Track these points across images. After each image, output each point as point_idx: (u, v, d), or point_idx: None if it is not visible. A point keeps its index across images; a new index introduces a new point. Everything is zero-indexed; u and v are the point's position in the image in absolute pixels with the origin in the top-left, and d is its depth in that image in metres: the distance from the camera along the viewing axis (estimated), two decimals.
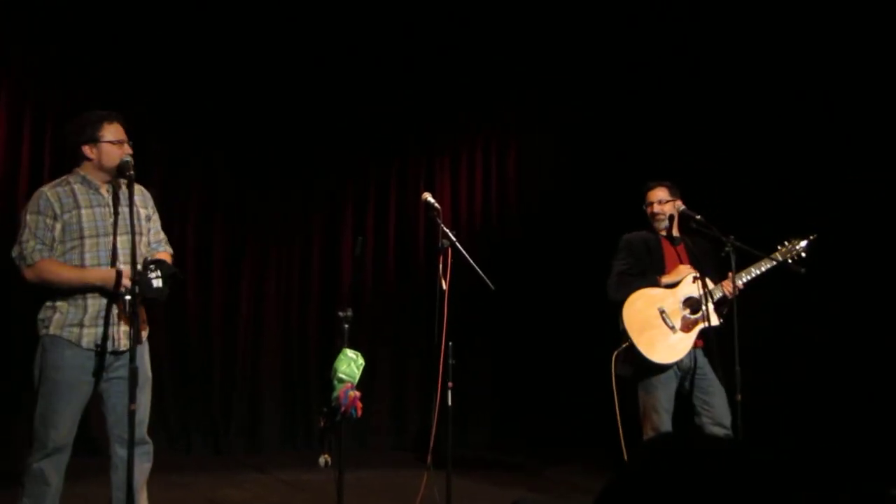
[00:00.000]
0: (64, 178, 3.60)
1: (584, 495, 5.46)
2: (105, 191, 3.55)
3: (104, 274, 3.42)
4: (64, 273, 3.42)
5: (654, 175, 4.78)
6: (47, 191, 3.52)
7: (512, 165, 8.09)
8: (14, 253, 3.46)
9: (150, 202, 3.80)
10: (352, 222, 7.56)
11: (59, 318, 3.43)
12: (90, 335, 3.43)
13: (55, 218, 3.46)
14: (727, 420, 4.39)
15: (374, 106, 7.43)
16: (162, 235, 3.83)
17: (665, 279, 4.48)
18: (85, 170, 3.57)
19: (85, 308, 3.43)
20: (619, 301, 4.49)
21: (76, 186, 3.54)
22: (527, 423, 7.53)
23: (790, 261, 4.46)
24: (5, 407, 5.86)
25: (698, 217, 4.46)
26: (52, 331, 3.43)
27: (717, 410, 4.40)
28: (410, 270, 7.67)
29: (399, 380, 7.57)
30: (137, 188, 3.72)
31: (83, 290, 3.43)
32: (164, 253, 3.77)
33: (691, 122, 6.79)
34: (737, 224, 4.62)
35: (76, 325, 3.42)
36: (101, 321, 3.43)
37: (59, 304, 3.45)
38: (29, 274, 3.43)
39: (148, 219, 3.75)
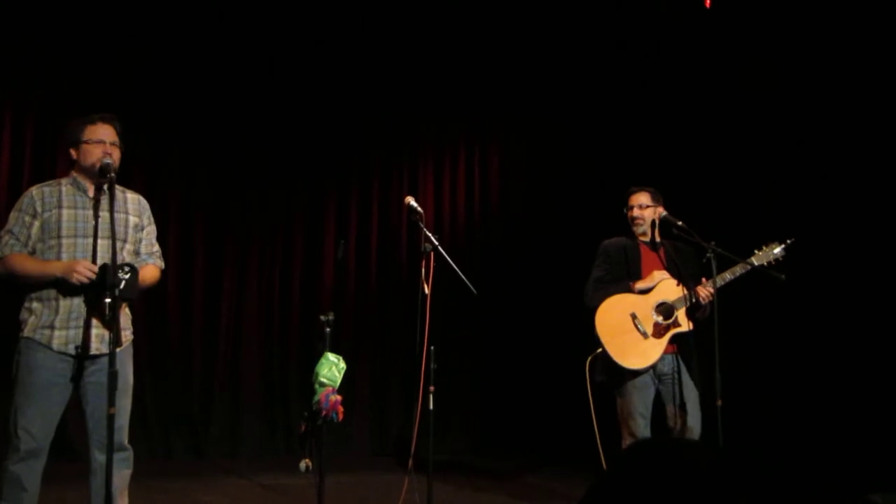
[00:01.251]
0: (58, 179, 3.64)
1: (564, 502, 5.47)
2: (92, 193, 3.54)
3: (65, 264, 3.40)
4: (28, 265, 3.43)
5: (636, 181, 4.81)
6: (34, 189, 3.56)
7: (495, 171, 8.11)
8: None
9: (147, 212, 3.77)
10: (334, 225, 7.55)
11: (33, 321, 3.44)
12: (61, 337, 3.41)
13: (34, 216, 3.48)
14: (697, 427, 4.42)
15: (357, 110, 7.44)
16: (155, 248, 3.78)
17: (638, 285, 4.50)
18: (76, 172, 3.59)
19: (56, 309, 3.42)
20: (594, 307, 4.51)
21: (65, 188, 3.55)
22: (508, 429, 7.54)
23: (766, 265, 4.47)
24: None
25: (679, 223, 4.48)
26: (26, 333, 3.44)
27: (686, 416, 4.42)
28: (392, 274, 7.67)
29: (380, 384, 7.56)
30: (135, 197, 3.74)
31: (48, 284, 3.41)
32: (153, 266, 3.73)
33: (672, 129, 6.84)
34: (716, 228, 4.65)
35: (48, 327, 3.41)
36: (71, 323, 3.42)
37: (34, 305, 3.45)
38: None
39: (140, 228, 3.71)
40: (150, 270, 3.70)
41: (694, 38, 6.58)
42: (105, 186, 3.45)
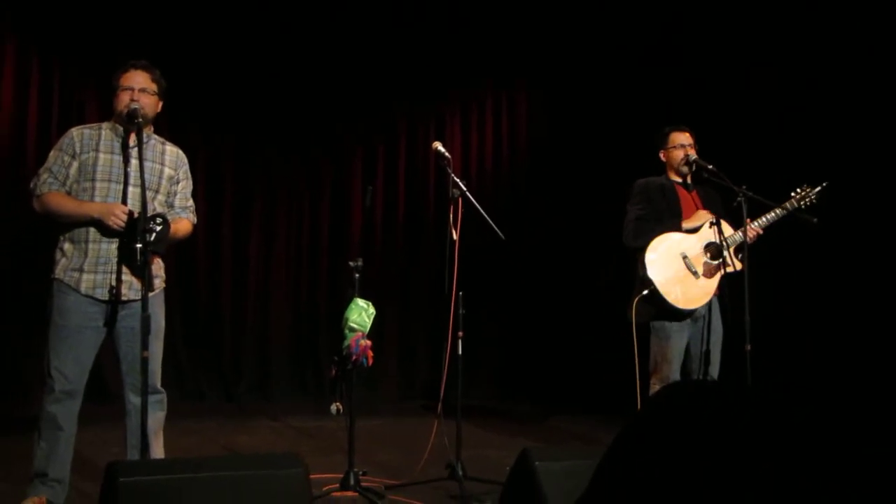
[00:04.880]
0: (101, 123, 3.65)
1: (593, 446, 5.51)
2: (131, 141, 3.54)
3: (103, 206, 3.42)
4: (65, 204, 3.47)
5: (664, 123, 4.72)
6: (75, 130, 3.59)
7: (522, 114, 8.02)
8: (31, 184, 3.56)
9: (184, 167, 3.77)
10: (361, 172, 7.54)
11: (63, 262, 3.48)
12: (88, 281, 3.44)
13: (73, 157, 3.51)
14: (715, 375, 4.43)
15: (383, 55, 7.36)
16: (189, 203, 3.79)
17: (686, 224, 4.44)
18: (114, 118, 3.60)
19: (85, 253, 3.45)
20: (636, 247, 4.45)
21: (104, 132, 3.57)
22: (537, 373, 7.57)
23: (803, 207, 4.45)
24: (22, 351, 5.96)
25: (710, 167, 4.42)
26: (56, 274, 3.49)
27: (709, 366, 4.43)
28: (421, 220, 7.67)
29: (409, 329, 7.61)
30: (174, 150, 3.76)
31: (82, 226, 3.44)
32: (186, 220, 3.74)
33: (704, 73, 6.69)
34: (745, 171, 4.59)
35: (77, 270, 3.45)
36: (99, 268, 3.45)
37: (66, 247, 3.49)
38: (36, 205, 3.52)
39: (175, 181, 3.72)
40: (184, 224, 3.72)
41: None
42: (145, 132, 3.46)
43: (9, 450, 4.58)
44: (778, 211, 4.43)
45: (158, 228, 3.34)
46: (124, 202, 3.45)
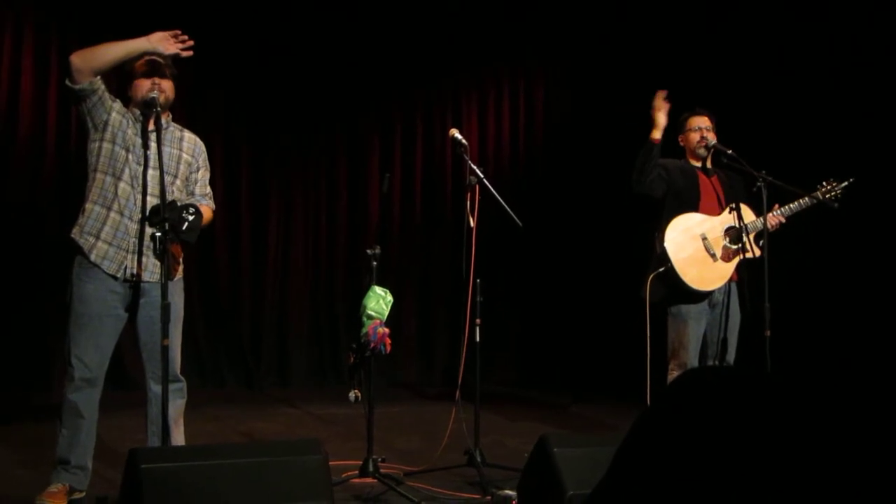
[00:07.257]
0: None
1: (611, 432, 5.50)
2: (150, 126, 3.54)
3: (152, 35, 3.44)
4: (104, 43, 3.45)
5: (683, 110, 4.69)
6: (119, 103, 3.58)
7: (539, 101, 7.99)
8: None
9: (203, 155, 3.78)
10: (378, 159, 7.54)
11: (81, 221, 3.47)
12: (100, 250, 3.42)
13: (113, 101, 3.52)
14: (732, 357, 4.43)
15: (399, 41, 7.34)
16: (208, 190, 3.80)
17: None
18: (132, 105, 3.58)
19: (105, 220, 3.44)
20: (643, 181, 4.42)
21: (131, 114, 3.55)
22: (554, 360, 7.57)
23: (827, 198, 4.44)
24: (44, 338, 6.02)
25: (729, 152, 4.39)
26: (73, 232, 3.47)
27: (726, 353, 4.42)
28: (438, 207, 7.67)
29: (427, 316, 7.62)
30: (192, 137, 3.76)
31: (110, 193, 3.44)
32: (207, 207, 3.74)
33: (726, 58, 6.62)
34: (768, 159, 4.55)
35: (93, 235, 3.44)
36: (115, 241, 3.44)
37: (87, 206, 3.47)
38: (74, 58, 3.44)
39: (195, 168, 3.72)
40: (206, 212, 3.73)
41: None
42: (163, 118, 3.48)
43: (32, 437, 4.64)
44: (803, 201, 4.43)
45: (191, 218, 3.34)
46: (144, 185, 3.44)
